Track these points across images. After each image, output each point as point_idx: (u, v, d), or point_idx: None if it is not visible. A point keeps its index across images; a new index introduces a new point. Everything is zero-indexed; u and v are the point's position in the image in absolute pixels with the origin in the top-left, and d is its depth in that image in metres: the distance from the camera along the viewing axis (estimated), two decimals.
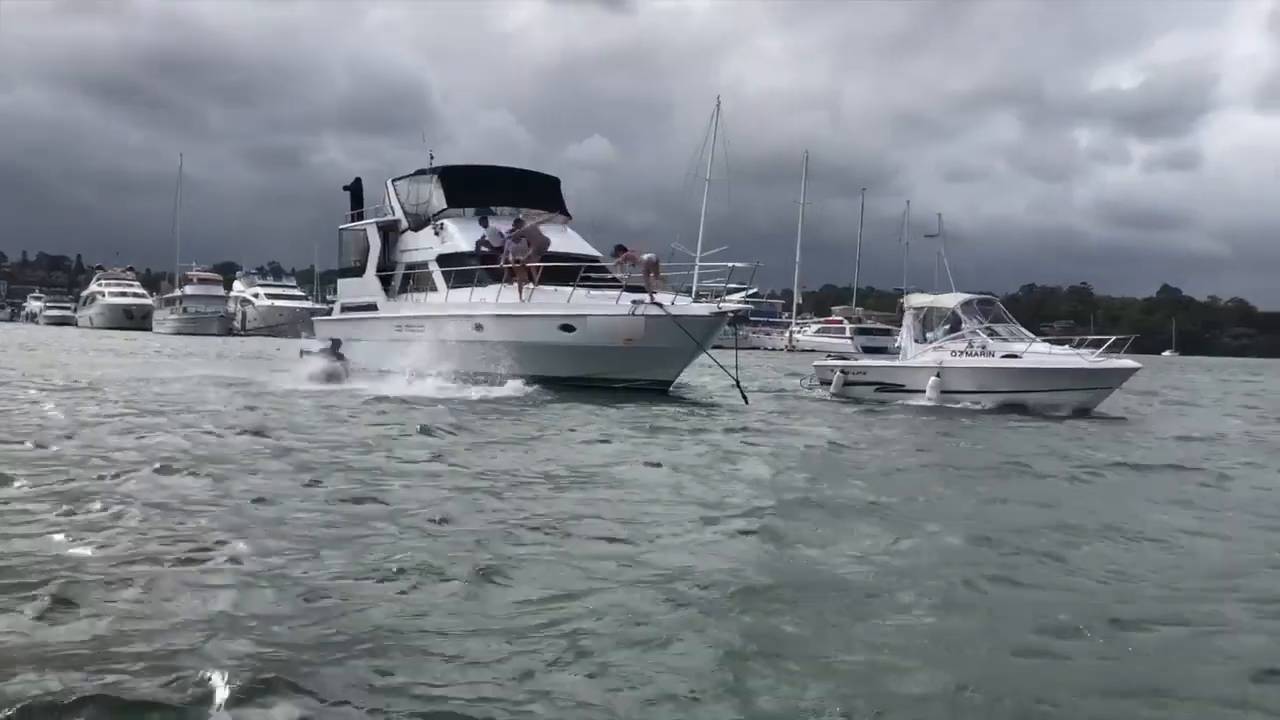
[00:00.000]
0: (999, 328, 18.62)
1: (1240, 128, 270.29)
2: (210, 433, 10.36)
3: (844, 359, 21.57)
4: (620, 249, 20.85)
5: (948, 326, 18.90)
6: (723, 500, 7.38)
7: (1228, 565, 5.81)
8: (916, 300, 19.55)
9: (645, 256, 19.99)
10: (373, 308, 25.47)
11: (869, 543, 5.97)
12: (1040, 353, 17.95)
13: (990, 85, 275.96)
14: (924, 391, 17.94)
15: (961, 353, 18.11)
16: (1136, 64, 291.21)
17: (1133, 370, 17.78)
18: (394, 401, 15.16)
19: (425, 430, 11.15)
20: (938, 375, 17.93)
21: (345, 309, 27.48)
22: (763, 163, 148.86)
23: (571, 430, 12.05)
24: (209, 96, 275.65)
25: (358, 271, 26.68)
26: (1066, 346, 18.84)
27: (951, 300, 18.81)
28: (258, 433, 10.36)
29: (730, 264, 21.35)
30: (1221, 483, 9.30)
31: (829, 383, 19.67)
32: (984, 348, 18.00)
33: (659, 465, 9.06)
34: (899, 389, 18.63)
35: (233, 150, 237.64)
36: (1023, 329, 19.22)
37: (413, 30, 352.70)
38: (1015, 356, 17.81)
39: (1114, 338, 18.21)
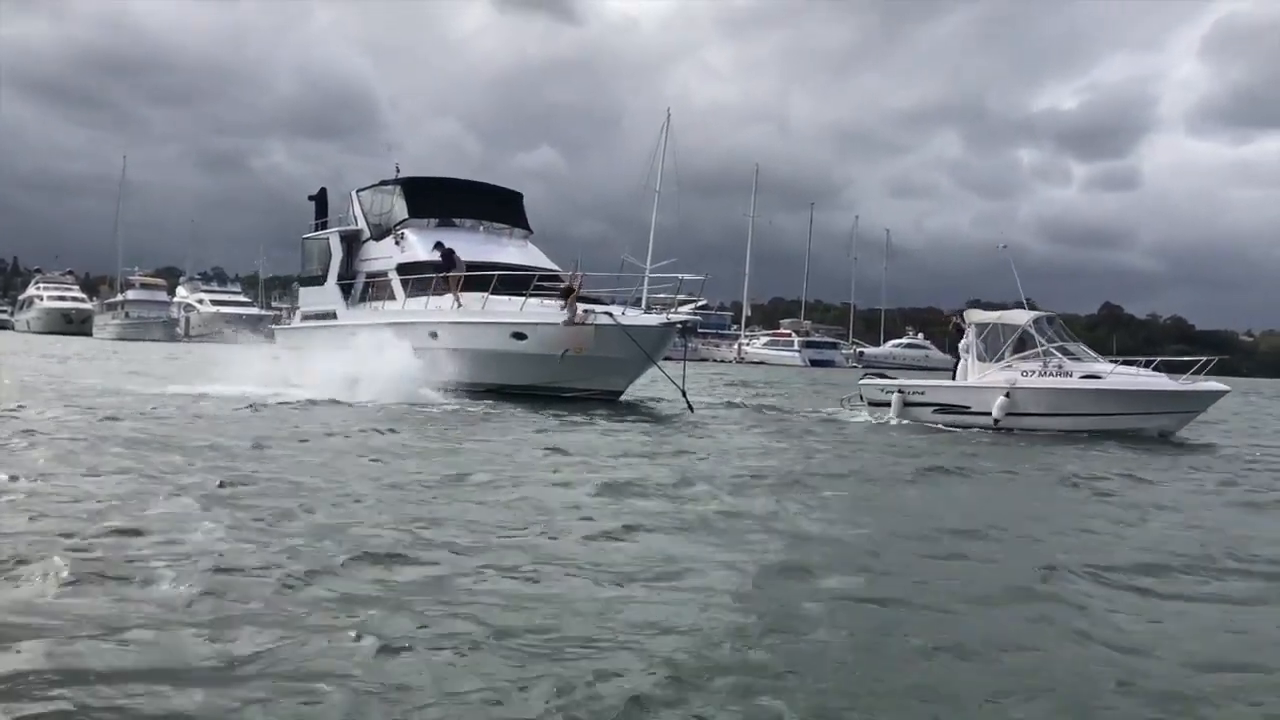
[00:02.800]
0: (1070, 347, 16.54)
1: (1178, 149, 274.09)
2: None
3: (884, 377, 19.22)
4: (569, 290, 20.13)
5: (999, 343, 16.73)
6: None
7: None
8: (979, 316, 17.32)
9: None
10: (332, 315, 25.94)
11: None
12: (1126, 374, 15.86)
13: (934, 103, 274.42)
14: (990, 414, 15.83)
15: (1034, 373, 15.98)
16: (1077, 85, 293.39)
17: (1222, 393, 15.79)
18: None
19: None
20: (1006, 396, 15.82)
21: (306, 317, 27.87)
22: (711, 175, 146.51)
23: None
24: (152, 98, 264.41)
25: (319, 280, 27.14)
26: (1137, 368, 16.78)
27: (1022, 317, 16.63)
28: None
29: (680, 276, 21.63)
30: None
31: (879, 404, 17.36)
32: (1060, 368, 15.88)
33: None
34: (962, 410, 16.45)
35: (176, 153, 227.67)
36: (1089, 350, 17.13)
37: (360, 34, 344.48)
38: (1097, 377, 15.70)
39: (1202, 359, 16.25)
